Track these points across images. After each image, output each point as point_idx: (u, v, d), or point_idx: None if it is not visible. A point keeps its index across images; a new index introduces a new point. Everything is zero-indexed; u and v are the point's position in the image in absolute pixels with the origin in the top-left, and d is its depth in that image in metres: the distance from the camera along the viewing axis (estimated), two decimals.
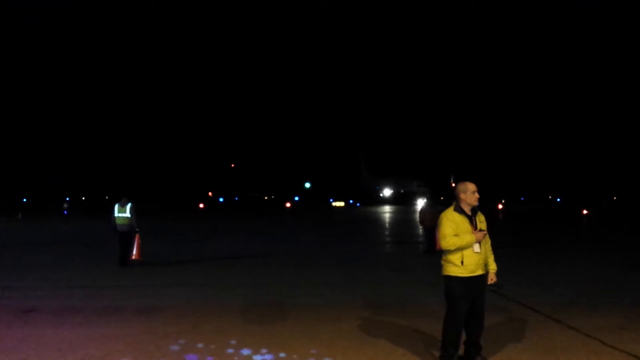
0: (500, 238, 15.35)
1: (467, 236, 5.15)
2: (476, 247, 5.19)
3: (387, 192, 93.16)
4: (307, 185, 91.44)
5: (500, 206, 54.79)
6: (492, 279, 5.39)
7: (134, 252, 12.43)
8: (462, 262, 5.15)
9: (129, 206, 12.21)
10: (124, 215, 12.18)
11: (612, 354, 5.67)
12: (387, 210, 55.59)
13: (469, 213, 5.30)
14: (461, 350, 5.33)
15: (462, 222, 5.23)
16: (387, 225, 30.73)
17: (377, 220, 36.24)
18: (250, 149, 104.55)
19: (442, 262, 5.31)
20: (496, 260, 5.43)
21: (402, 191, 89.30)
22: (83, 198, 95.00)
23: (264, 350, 5.72)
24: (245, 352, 5.69)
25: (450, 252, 5.20)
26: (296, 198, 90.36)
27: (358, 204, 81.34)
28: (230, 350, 5.73)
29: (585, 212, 43.39)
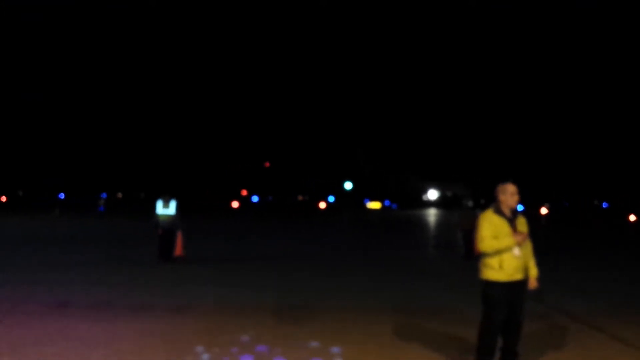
0: (542, 243, 14.93)
1: (507, 239, 4.95)
2: (516, 251, 4.98)
3: (431, 194, 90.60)
4: (348, 185, 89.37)
5: (544, 211, 53.54)
6: (532, 284, 5.17)
7: (177, 248, 12.56)
8: (500, 266, 4.95)
9: (172, 203, 12.37)
10: (167, 212, 12.34)
11: None
12: (427, 213, 54.95)
13: (509, 215, 5.10)
14: (497, 358, 5.12)
15: (501, 224, 5.03)
16: (424, 228, 30.33)
17: (415, 223, 35.83)
18: (286, 148, 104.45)
19: (480, 266, 5.12)
20: (537, 265, 5.21)
21: (447, 194, 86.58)
22: (119, 195, 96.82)
23: (292, 351, 5.63)
24: (276, 350, 5.62)
25: (488, 255, 5.01)
26: (330, 199, 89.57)
27: (394, 206, 79.77)
28: (261, 348, 5.66)
29: (632, 218, 41.97)
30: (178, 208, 12.42)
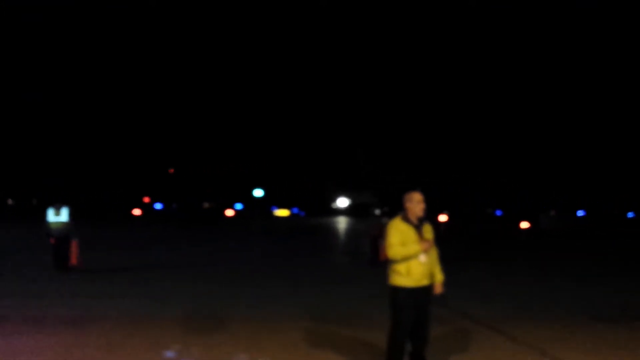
0: (442, 250, 15.62)
1: (414, 246, 5.10)
2: (422, 257, 5.14)
3: (340, 202, 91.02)
4: (258, 192, 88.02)
5: (443, 218, 56.03)
6: (438, 289, 5.36)
7: (72, 258, 11.86)
8: (408, 272, 5.09)
9: (64, 210, 11.76)
10: (59, 219, 11.72)
11: None
12: (336, 221, 55.69)
13: (416, 223, 5.26)
14: None
15: (408, 231, 5.17)
16: (333, 236, 30.72)
17: (322, 230, 36.20)
18: (192, 154, 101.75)
19: (389, 272, 5.23)
20: (442, 271, 5.41)
21: (356, 202, 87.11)
22: (9, 201, 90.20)
23: None
24: None
25: (396, 261, 5.13)
26: (238, 206, 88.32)
27: (302, 214, 80.00)
28: None
29: (524, 225, 44.81)
30: (71, 215, 11.84)
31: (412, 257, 5.09)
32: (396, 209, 5.60)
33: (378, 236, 13.73)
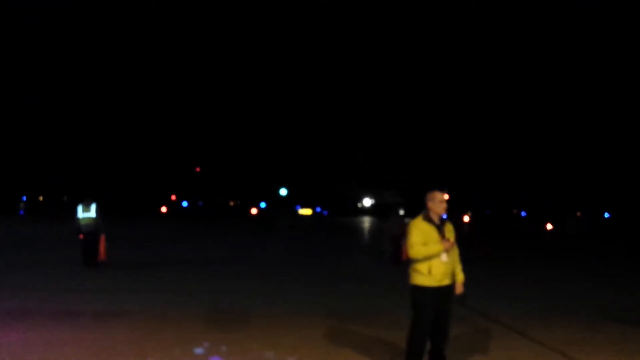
0: (465, 250, 15.59)
1: (435, 245, 5.13)
2: (444, 257, 5.16)
3: (366, 202, 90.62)
4: (283, 192, 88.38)
5: (466, 218, 55.54)
6: (459, 289, 5.38)
7: (100, 253, 12.13)
8: (429, 272, 5.12)
9: (93, 206, 12.05)
10: (88, 215, 12.00)
11: None
12: (360, 221, 55.69)
13: (437, 222, 5.28)
14: None
15: (430, 231, 5.20)
16: (355, 234, 30.76)
17: (345, 229, 36.26)
18: (218, 153, 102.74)
19: (410, 271, 5.27)
20: (463, 271, 5.43)
21: (380, 202, 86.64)
22: (40, 198, 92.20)
23: (226, 357, 5.57)
24: (212, 358, 5.53)
25: (417, 261, 5.16)
26: (262, 204, 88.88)
27: (325, 213, 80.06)
28: (199, 352, 5.57)
29: (549, 227, 44.33)
30: (99, 212, 12.10)
31: (433, 256, 5.12)
32: (419, 208, 5.62)
33: (400, 235, 13.73)
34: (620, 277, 13.91)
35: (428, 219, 5.27)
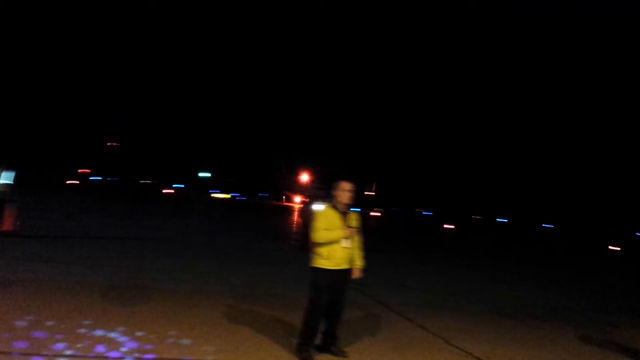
0: (371, 243, 16.20)
1: (338, 231, 5.41)
2: (345, 243, 5.45)
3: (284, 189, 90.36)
4: (204, 174, 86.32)
5: (375, 214, 57.17)
6: (356, 274, 5.68)
7: (6, 221, 11.51)
8: (329, 255, 5.38)
9: (5, 174, 11.38)
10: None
11: (453, 351, 6.22)
12: (272, 207, 55.71)
13: (343, 210, 5.55)
14: (319, 340, 5.56)
15: (334, 217, 5.47)
16: (268, 222, 30.87)
17: (259, 216, 36.26)
18: (140, 131, 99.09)
19: (312, 254, 5.51)
20: (363, 259, 5.73)
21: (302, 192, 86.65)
22: None
23: (120, 329, 5.56)
24: (99, 332, 5.46)
25: (320, 244, 5.41)
26: (177, 185, 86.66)
27: (244, 198, 79.49)
28: (83, 330, 5.49)
29: (448, 226, 46.86)
30: (11, 177, 11.46)
31: (334, 241, 5.39)
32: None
33: (309, 222, 14.03)
34: (510, 276, 15.02)
35: (334, 207, 5.54)
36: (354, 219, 5.63)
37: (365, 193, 69.24)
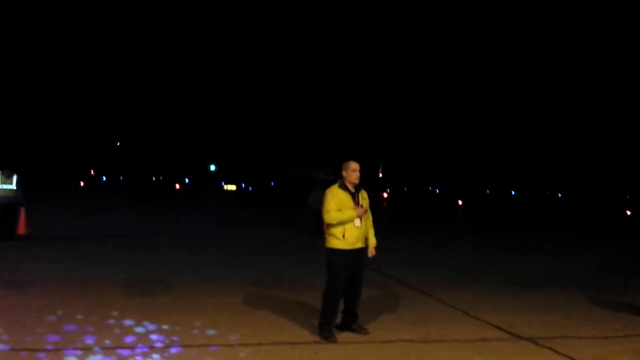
0: (384, 223, 16.21)
1: (349, 211, 5.44)
2: (357, 222, 5.49)
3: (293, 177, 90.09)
4: (212, 167, 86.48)
5: (385, 195, 57.20)
6: (371, 252, 5.74)
7: (20, 226, 11.67)
8: (343, 236, 5.43)
9: (14, 178, 11.51)
10: (8, 187, 11.45)
11: (473, 322, 6.29)
12: (282, 196, 55.84)
13: (352, 190, 5.60)
14: (339, 319, 5.63)
15: (345, 198, 5.51)
16: (279, 209, 30.98)
17: (269, 205, 36.39)
18: (143, 128, 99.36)
19: (326, 236, 5.56)
20: (376, 237, 5.78)
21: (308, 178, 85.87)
22: None
23: (146, 322, 5.66)
24: (127, 322, 5.59)
25: (333, 225, 5.46)
26: (187, 180, 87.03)
27: (250, 188, 79.61)
28: (111, 321, 5.61)
29: (460, 202, 46.86)
30: (20, 183, 11.59)
31: (347, 221, 5.43)
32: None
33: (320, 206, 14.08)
34: (525, 246, 15.08)
35: (343, 187, 5.58)
36: (364, 198, 5.67)
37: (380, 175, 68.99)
